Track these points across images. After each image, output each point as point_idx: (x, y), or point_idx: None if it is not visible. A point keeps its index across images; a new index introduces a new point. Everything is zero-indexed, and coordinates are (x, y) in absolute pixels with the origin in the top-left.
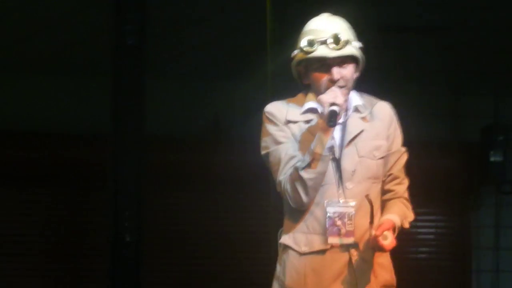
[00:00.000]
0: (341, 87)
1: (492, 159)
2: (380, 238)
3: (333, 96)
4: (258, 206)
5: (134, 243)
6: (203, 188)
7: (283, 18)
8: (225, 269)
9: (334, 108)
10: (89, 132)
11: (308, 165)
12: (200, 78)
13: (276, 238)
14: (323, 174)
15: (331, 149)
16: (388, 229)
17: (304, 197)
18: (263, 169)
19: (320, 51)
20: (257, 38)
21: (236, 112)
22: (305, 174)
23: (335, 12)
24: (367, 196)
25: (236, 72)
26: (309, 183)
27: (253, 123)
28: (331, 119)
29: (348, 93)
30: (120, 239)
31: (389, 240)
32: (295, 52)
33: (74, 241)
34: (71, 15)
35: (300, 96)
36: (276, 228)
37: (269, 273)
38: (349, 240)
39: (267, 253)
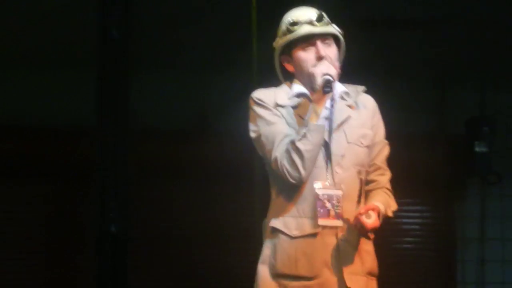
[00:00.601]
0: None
1: (477, 150)
2: (363, 217)
3: (325, 67)
4: (246, 197)
5: (119, 234)
6: (191, 181)
7: (269, 12)
8: (214, 261)
9: (328, 77)
10: (76, 126)
11: (304, 136)
12: (187, 71)
13: (260, 228)
14: (319, 145)
15: (327, 119)
16: (372, 210)
17: (302, 171)
18: (250, 161)
19: (305, 29)
20: (244, 32)
21: (223, 106)
22: (302, 146)
23: (317, 6)
24: (358, 183)
25: (223, 65)
26: (306, 155)
27: (240, 116)
28: (327, 85)
29: (338, 68)
30: (106, 231)
31: (372, 219)
32: (277, 40)
33: (61, 235)
34: (56, 9)
35: (285, 84)
36: (262, 219)
37: (256, 263)
38: (338, 222)
39: (257, 244)
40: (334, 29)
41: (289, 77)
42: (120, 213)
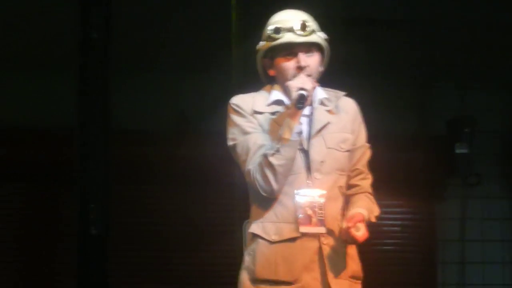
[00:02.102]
0: (307, 75)
1: (458, 151)
2: (353, 230)
3: (301, 81)
4: (226, 198)
5: (100, 235)
6: (170, 181)
7: (248, 13)
8: (193, 262)
9: (303, 92)
10: (56, 127)
11: (277, 151)
12: (166, 72)
13: (240, 230)
14: (292, 160)
15: (300, 134)
16: (360, 221)
17: (274, 184)
18: (229, 162)
19: (287, 37)
20: (223, 32)
21: (203, 106)
22: (274, 160)
23: (300, 4)
24: (340, 188)
25: (202, 66)
26: (279, 169)
27: (219, 117)
28: (300, 101)
29: (314, 82)
30: (86, 232)
31: (361, 232)
32: (260, 44)
33: (42, 236)
34: (36, 10)
35: (265, 89)
36: (241, 220)
37: (236, 265)
38: (321, 229)
39: (237, 245)
40: (317, 37)
41: (272, 80)
42: (101, 214)
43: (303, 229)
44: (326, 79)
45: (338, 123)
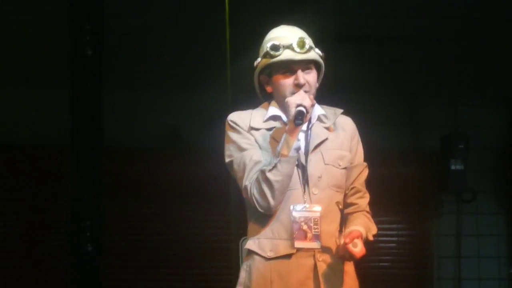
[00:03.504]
0: (305, 92)
1: (452, 167)
2: (350, 245)
3: (300, 98)
4: (220, 215)
5: (94, 253)
6: (164, 199)
7: (241, 29)
8: (188, 279)
9: (302, 108)
10: (49, 144)
11: (275, 167)
12: (160, 89)
13: (237, 246)
14: (289, 176)
15: (298, 150)
16: (357, 237)
17: (271, 201)
18: (224, 179)
19: (286, 55)
20: (216, 49)
21: (196, 123)
22: (272, 176)
23: (293, 22)
24: (337, 204)
25: (196, 83)
26: (276, 185)
27: (213, 133)
28: (298, 117)
29: (313, 99)
30: (80, 249)
31: (359, 248)
32: (258, 60)
33: (34, 253)
34: (29, 26)
35: (263, 106)
36: (237, 237)
37: (231, 282)
38: (315, 244)
39: (230, 262)
40: (315, 54)
41: (269, 96)
42: (95, 231)
43: (298, 244)
44: (318, 95)
45: (335, 140)
